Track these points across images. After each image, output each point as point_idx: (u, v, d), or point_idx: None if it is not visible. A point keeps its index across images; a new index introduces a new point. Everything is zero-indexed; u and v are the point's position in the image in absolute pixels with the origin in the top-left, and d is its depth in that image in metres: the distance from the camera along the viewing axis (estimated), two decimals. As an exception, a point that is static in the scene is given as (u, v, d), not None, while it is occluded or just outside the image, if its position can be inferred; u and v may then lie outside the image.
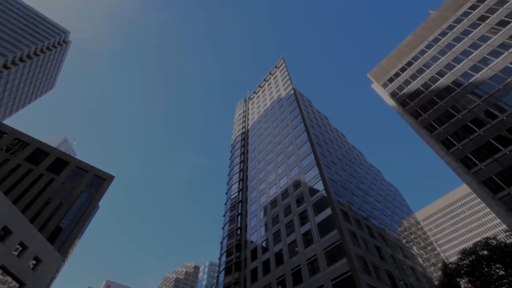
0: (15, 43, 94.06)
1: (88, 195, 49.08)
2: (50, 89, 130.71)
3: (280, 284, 39.40)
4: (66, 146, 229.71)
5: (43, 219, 41.76)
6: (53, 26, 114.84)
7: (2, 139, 47.52)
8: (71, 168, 50.76)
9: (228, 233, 60.99)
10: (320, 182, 45.31)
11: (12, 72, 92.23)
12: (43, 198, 44.13)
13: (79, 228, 44.67)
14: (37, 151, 49.61)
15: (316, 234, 38.90)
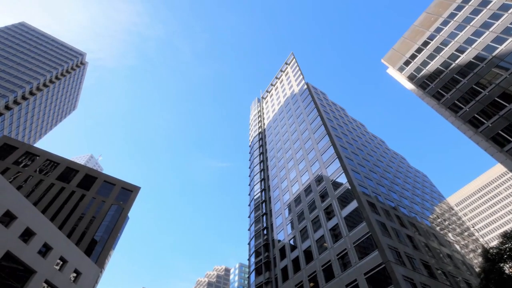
0: (38, 70, 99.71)
1: (117, 207, 51.04)
2: (73, 110, 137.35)
3: (312, 281, 38.99)
4: (93, 162, 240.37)
5: (78, 234, 43.90)
6: (69, 50, 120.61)
7: (35, 161, 50.49)
8: (99, 182, 53.03)
9: (254, 233, 61.22)
10: (343, 174, 44.43)
11: (38, 98, 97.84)
12: (77, 213, 46.40)
13: (113, 239, 46.52)
14: (67, 170, 52.26)
15: (344, 228, 38.15)
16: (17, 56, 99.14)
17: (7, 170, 46.37)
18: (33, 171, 48.72)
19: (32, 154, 51.32)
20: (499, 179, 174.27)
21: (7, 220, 27.32)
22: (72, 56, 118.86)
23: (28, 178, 47.40)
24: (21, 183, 45.96)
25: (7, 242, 26.13)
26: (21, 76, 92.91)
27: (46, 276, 28.89)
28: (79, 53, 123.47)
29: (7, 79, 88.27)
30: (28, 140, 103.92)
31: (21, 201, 29.39)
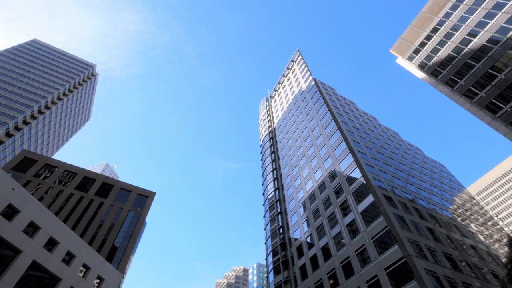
0: (52, 84, 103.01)
1: (135, 213, 52.07)
2: (87, 120, 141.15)
3: (332, 278, 38.59)
4: (109, 170, 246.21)
5: (99, 241, 45.05)
6: (80, 63, 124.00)
7: (54, 173, 52.15)
8: (116, 190, 54.25)
9: (271, 233, 61.14)
10: (356, 169, 43.77)
11: (53, 111, 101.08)
12: (96, 221, 47.63)
13: (132, 245, 47.50)
14: (84, 179, 53.72)
15: (361, 223, 37.57)
16: (31, 72, 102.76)
17: (28, 183, 48.10)
18: (53, 182, 50.34)
19: (51, 166, 53.04)
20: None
21: (32, 231, 28.33)
22: (83, 68, 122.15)
23: (49, 189, 49.01)
24: (43, 195, 47.57)
25: (32, 252, 27.10)
26: (37, 91, 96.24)
27: (71, 283, 29.78)
28: (89, 65, 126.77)
29: (23, 95, 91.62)
30: (47, 152, 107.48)
31: (43, 211, 30.41)
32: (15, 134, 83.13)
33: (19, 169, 49.58)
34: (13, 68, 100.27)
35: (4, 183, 27.09)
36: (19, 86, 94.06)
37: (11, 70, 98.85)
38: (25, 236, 27.14)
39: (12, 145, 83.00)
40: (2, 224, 25.42)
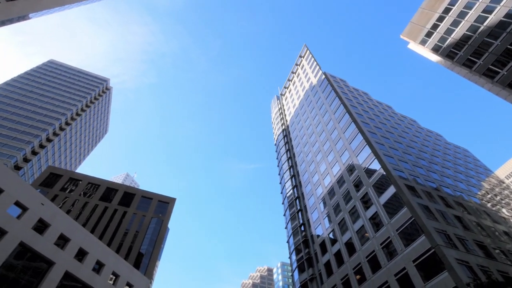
0: (70, 101, 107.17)
1: (157, 220, 53.24)
2: (105, 133, 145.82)
3: (358, 273, 37.89)
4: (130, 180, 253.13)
5: (126, 248, 46.39)
6: (94, 78, 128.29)
7: (78, 186, 54.21)
8: (137, 198, 55.71)
9: (292, 231, 60.83)
10: (375, 161, 42.77)
11: (73, 127, 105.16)
12: (122, 230, 49.08)
13: (157, 250, 48.59)
14: (107, 190, 55.50)
15: (384, 215, 36.65)
16: (50, 91, 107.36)
17: (56, 197, 50.24)
18: (78, 195, 52.35)
19: (75, 180, 55.18)
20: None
21: (62, 243, 29.56)
22: (97, 83, 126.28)
23: (75, 202, 50.99)
24: (70, 207, 49.55)
25: (65, 263, 28.26)
26: (56, 109, 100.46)
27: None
28: (103, 80, 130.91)
29: (45, 114, 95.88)
30: (70, 167, 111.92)
31: (72, 224, 31.66)
32: (40, 151, 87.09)
33: (46, 185, 51.88)
34: (34, 89, 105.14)
35: (33, 199, 28.42)
36: (40, 105, 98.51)
37: (32, 91, 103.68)
38: (57, 248, 28.34)
39: (38, 162, 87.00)
40: (35, 238, 26.67)
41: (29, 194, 28.21)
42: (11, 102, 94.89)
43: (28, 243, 25.78)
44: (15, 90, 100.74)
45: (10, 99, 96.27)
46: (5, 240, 24.24)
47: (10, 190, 26.30)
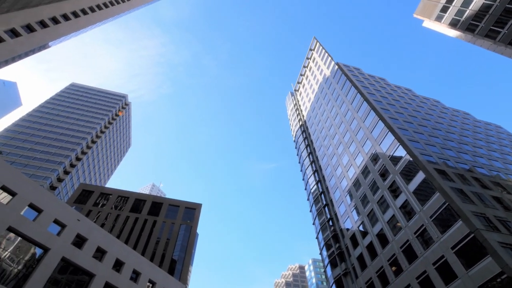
0: (93, 120, 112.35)
1: (186, 226, 54.47)
2: (128, 147, 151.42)
3: (393, 265, 36.68)
4: (156, 190, 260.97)
5: (159, 256, 47.85)
6: (113, 95, 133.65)
7: (109, 200, 56.62)
8: (165, 207, 57.29)
9: (320, 226, 60.02)
10: (399, 147, 41.23)
11: (99, 145, 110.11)
12: (153, 238, 50.68)
13: (189, 256, 49.70)
14: (136, 201, 57.53)
15: (415, 203, 35.21)
16: (75, 113, 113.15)
17: (90, 213, 52.78)
18: (110, 209, 54.69)
19: (106, 194, 57.70)
20: None
21: (100, 255, 30.99)
22: (117, 100, 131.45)
23: (107, 215, 53.31)
24: (103, 221, 51.87)
25: (104, 274, 29.61)
26: (82, 129, 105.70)
27: (141, 298, 31.97)
28: (121, 96, 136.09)
29: (72, 135, 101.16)
30: (100, 182, 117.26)
31: (107, 236, 33.11)
32: (71, 170, 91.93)
33: (80, 201, 54.65)
34: (60, 112, 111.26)
35: (70, 216, 30.02)
36: (67, 127, 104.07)
37: (58, 115, 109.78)
38: (96, 260, 29.75)
39: (71, 181, 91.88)
40: (75, 252, 28.16)
41: (66, 212, 29.83)
42: (41, 127, 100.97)
43: (69, 258, 27.26)
44: (43, 115, 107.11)
45: (40, 124, 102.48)
46: (49, 257, 25.77)
47: (49, 209, 27.93)
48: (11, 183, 25.75)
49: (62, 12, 51.73)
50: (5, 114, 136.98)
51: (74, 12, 55.44)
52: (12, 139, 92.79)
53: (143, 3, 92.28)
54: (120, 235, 49.90)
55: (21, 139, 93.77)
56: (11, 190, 25.58)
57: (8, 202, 25.01)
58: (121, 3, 75.93)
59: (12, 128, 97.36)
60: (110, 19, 71.41)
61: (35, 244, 25.71)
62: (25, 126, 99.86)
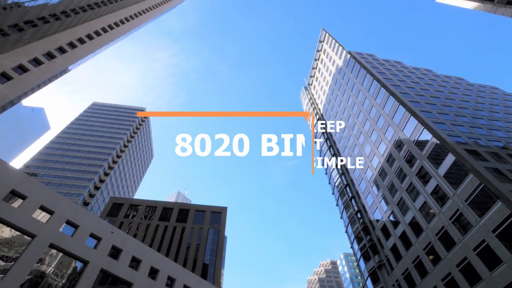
0: (116, 136, 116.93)
1: (214, 230, 55.27)
2: (151, 158, 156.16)
3: (430, 253, 35.19)
4: (182, 197, 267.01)
5: (191, 261, 48.88)
6: (132, 110, 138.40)
7: (138, 210, 58.62)
8: (192, 213, 58.47)
9: (348, 220, 58.80)
10: (424, 131, 39.51)
11: (123, 159, 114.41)
12: (184, 244, 51.86)
13: (220, 259, 50.39)
14: (164, 210, 59.14)
15: (448, 187, 33.57)
16: (98, 131, 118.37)
17: (121, 224, 54.91)
18: (140, 219, 56.61)
19: (135, 205, 59.82)
20: None
21: (135, 265, 32.13)
22: (135, 114, 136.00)
23: (138, 225, 55.22)
24: (135, 231, 53.78)
25: (141, 283, 30.67)
26: (107, 145, 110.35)
27: (178, 304, 32.79)
28: (140, 110, 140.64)
29: (98, 152, 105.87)
30: (128, 194, 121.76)
31: (140, 246, 34.29)
32: (101, 186, 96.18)
33: (112, 214, 57.00)
34: (85, 131, 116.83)
35: (104, 229, 31.38)
36: (93, 145, 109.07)
37: (84, 134, 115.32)
38: (132, 270, 30.88)
39: (101, 195, 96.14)
40: (112, 263, 29.38)
41: (100, 225, 31.21)
42: (70, 148, 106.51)
43: (107, 269, 28.48)
44: (70, 136, 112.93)
45: (68, 145, 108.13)
46: (88, 269, 27.08)
47: (84, 224, 29.36)
48: (48, 203, 27.31)
49: (77, 37, 54.29)
50: (36, 138, 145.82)
51: (88, 35, 58.01)
52: (45, 161, 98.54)
53: (151, 17, 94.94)
54: (152, 243, 51.49)
55: (53, 160, 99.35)
56: (49, 209, 27.12)
57: (47, 221, 26.54)
58: (131, 20, 78.55)
59: (44, 151, 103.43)
60: (121, 37, 74.10)
61: (75, 258, 27.09)
62: (55, 148, 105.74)
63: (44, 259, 25.16)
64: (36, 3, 38.72)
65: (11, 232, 23.92)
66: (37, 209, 26.29)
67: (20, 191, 25.70)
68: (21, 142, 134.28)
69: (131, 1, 78.34)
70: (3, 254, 22.93)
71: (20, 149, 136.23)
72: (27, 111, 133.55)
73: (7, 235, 23.72)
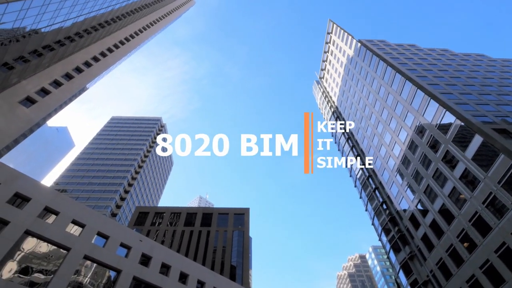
0: (136, 147, 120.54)
1: (238, 232, 55.66)
2: (172, 165, 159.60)
3: (464, 241, 33.62)
4: (204, 201, 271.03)
5: (218, 264, 49.48)
6: (149, 121, 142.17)
7: (164, 218, 60.06)
8: (215, 216, 59.19)
9: (374, 212, 57.36)
10: (447, 113, 37.83)
11: (145, 168, 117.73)
12: (210, 248, 52.59)
13: (247, 260, 50.66)
14: (188, 215, 60.25)
15: (477, 170, 31.94)
16: (119, 143, 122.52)
17: (149, 232, 56.47)
18: (165, 226, 57.98)
19: (160, 213, 61.35)
20: None
21: (165, 271, 32.94)
22: (153, 124, 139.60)
23: (164, 232, 56.57)
24: (162, 238, 55.14)
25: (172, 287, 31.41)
26: (128, 157, 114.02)
27: (210, 306, 33.27)
28: (156, 120, 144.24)
29: (121, 164, 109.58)
30: (153, 203, 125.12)
31: (168, 252, 35.13)
32: (126, 196, 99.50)
33: (139, 223, 58.77)
34: (107, 145, 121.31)
35: (133, 238, 32.41)
36: (115, 158, 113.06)
37: (106, 148, 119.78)
38: (162, 276, 31.68)
39: (127, 206, 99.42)
40: (143, 270, 30.29)
41: (129, 235, 32.26)
42: (94, 162, 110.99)
43: (140, 276, 29.39)
44: (94, 151, 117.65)
45: (93, 159, 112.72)
46: (122, 277, 28.06)
47: (114, 234, 30.45)
48: (79, 216, 28.57)
49: (92, 55, 56.49)
50: (62, 157, 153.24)
51: (102, 53, 60.21)
52: (73, 177, 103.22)
53: (159, 28, 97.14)
54: (179, 249, 52.59)
55: (80, 175, 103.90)
56: (81, 222, 28.37)
57: (80, 234, 27.77)
58: (140, 34, 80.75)
59: (71, 168, 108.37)
60: (133, 51, 76.35)
61: (109, 268, 28.16)
62: (81, 163, 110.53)
63: (80, 270, 26.33)
64: (51, 28, 40.65)
65: (48, 247, 25.21)
66: (69, 223, 27.58)
67: (53, 207, 27.06)
68: (49, 161, 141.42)
69: (138, 15, 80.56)
70: (43, 268, 24.20)
71: (49, 167, 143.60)
72: (52, 131, 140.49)
73: (44, 250, 25.02)
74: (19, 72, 38.17)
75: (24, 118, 38.20)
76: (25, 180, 26.95)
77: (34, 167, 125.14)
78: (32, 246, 24.36)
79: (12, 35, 33.20)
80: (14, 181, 25.85)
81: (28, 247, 24.15)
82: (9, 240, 22.75)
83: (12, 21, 31.00)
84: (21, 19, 32.19)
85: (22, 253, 23.57)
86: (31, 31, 36.40)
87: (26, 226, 24.16)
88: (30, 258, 23.91)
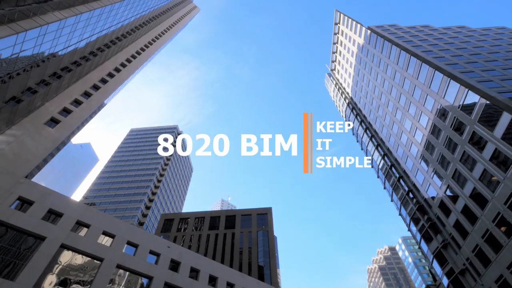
0: (156, 156, 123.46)
1: (263, 232, 55.73)
2: (191, 172, 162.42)
3: (501, 225, 31.84)
4: (226, 204, 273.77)
5: (246, 265, 49.74)
6: (166, 129, 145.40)
7: (188, 223, 61.20)
8: (239, 218, 59.58)
9: (400, 202, 55.58)
10: (469, 93, 36.03)
11: (166, 176, 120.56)
12: (236, 249, 52.99)
13: (274, 260, 50.60)
14: (212, 219, 61.06)
15: (509, 149, 30.15)
16: (140, 154, 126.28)
17: (175, 238, 57.74)
18: (191, 231, 59.05)
19: (184, 219, 62.58)
20: None
21: (195, 275, 33.54)
22: (170, 132, 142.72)
23: (191, 237, 57.63)
24: (189, 243, 56.20)
25: (203, 291, 31.91)
26: (149, 166, 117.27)
27: (241, 307, 33.50)
28: (173, 128, 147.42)
29: (143, 174, 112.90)
30: (177, 209, 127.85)
31: (196, 256, 35.75)
32: (151, 205, 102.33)
33: (165, 230, 60.23)
34: (129, 157, 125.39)
35: (161, 245, 33.26)
36: (137, 168, 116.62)
37: (128, 159, 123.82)
38: (192, 280, 32.28)
39: (153, 214, 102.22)
40: (173, 276, 30.99)
41: (157, 242, 33.14)
42: (118, 174, 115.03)
43: (171, 281, 30.10)
44: (117, 164, 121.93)
45: (116, 172, 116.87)
46: (154, 284, 28.85)
47: (143, 243, 31.39)
48: (109, 227, 29.69)
49: (107, 72, 58.57)
50: (88, 172, 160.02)
51: (116, 68, 62.29)
52: (100, 190, 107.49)
53: (167, 39, 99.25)
54: (206, 252, 53.39)
55: (106, 188, 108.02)
56: (111, 233, 29.47)
57: (111, 244, 28.85)
58: (150, 46, 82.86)
59: (97, 181, 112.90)
60: (144, 63, 78.46)
61: (140, 275, 29.06)
62: (105, 177, 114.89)
63: (114, 279, 27.34)
64: (67, 50, 42.57)
65: (83, 259, 26.39)
66: (100, 234, 28.72)
67: (84, 220, 28.30)
68: (76, 176, 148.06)
69: (147, 28, 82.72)
70: (80, 279, 25.36)
71: (77, 182, 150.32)
72: (77, 148, 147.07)
73: (80, 261, 26.21)
74: (42, 95, 40.27)
75: (50, 138, 40.21)
76: (56, 197, 28.37)
77: (63, 184, 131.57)
78: (68, 259, 25.59)
79: (33, 61, 35.07)
80: (47, 199, 27.28)
81: (65, 260, 25.39)
82: (47, 255, 24.02)
83: (31, 48, 32.76)
84: (39, 45, 33.94)
85: (60, 266, 24.81)
86: (49, 55, 38.28)
87: (61, 240, 25.42)
88: (68, 270, 25.13)
